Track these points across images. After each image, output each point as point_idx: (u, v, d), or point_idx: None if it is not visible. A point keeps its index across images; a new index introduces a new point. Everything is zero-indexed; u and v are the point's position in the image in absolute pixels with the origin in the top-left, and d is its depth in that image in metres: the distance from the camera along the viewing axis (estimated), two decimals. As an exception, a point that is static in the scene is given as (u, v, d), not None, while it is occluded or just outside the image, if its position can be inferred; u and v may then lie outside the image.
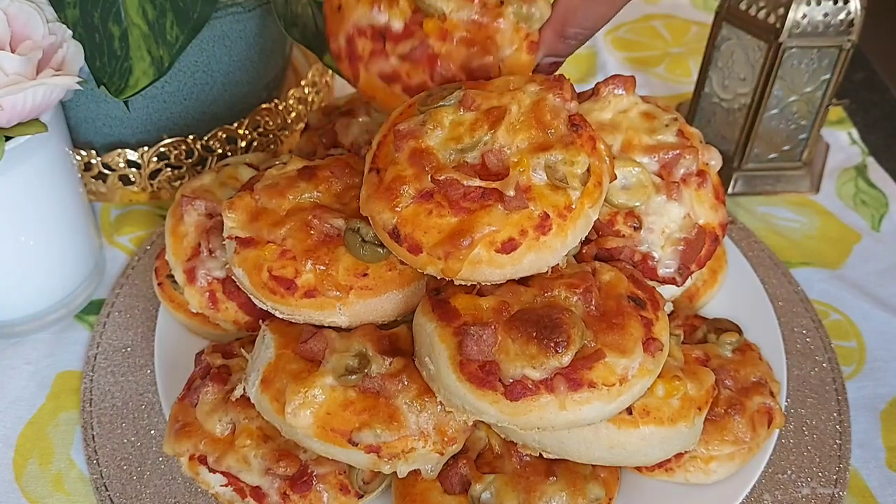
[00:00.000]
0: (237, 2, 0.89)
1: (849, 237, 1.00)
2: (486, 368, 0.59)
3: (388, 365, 0.64)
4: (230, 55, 0.94)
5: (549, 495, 0.64)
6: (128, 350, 0.84)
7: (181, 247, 0.79)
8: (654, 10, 1.37)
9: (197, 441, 0.68)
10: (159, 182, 0.99)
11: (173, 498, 0.72)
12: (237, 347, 0.74)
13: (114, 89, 0.80)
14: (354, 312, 0.67)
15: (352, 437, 0.61)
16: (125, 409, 0.79)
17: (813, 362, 0.84)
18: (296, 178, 0.71)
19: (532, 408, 0.59)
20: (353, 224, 0.66)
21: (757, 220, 1.01)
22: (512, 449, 0.66)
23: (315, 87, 1.10)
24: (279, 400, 0.62)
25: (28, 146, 0.73)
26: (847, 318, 0.90)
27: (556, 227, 0.61)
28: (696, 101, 1.04)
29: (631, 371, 0.60)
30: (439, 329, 0.62)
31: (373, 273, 0.66)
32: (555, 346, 0.58)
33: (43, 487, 0.75)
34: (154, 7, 0.78)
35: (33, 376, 0.83)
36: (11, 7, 0.72)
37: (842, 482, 0.74)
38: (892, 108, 1.18)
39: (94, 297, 0.90)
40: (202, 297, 0.77)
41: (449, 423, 0.63)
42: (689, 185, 0.71)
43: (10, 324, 0.85)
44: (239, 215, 0.69)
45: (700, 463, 0.70)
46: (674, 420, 0.64)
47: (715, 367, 0.73)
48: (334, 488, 0.67)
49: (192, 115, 0.97)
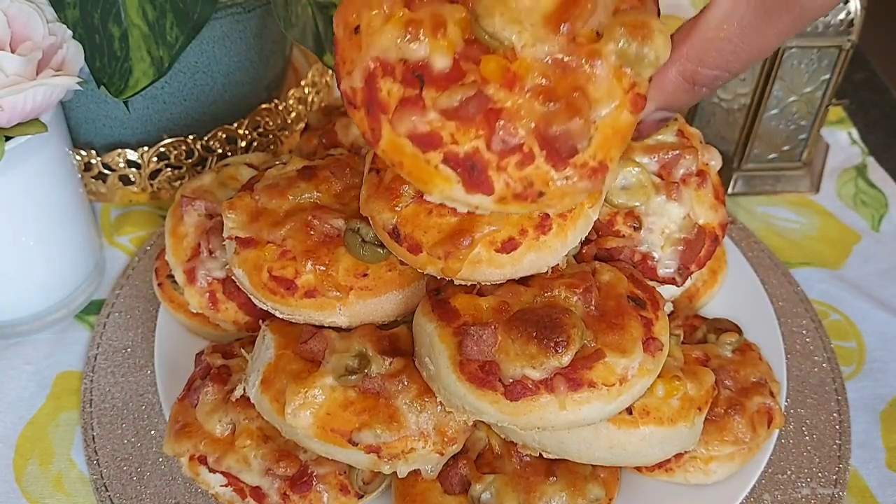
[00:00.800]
0: (237, 2, 0.89)
1: (849, 237, 1.00)
2: (486, 368, 0.59)
3: (388, 365, 0.64)
4: (230, 55, 0.94)
5: (549, 495, 0.64)
6: (128, 350, 0.84)
7: (181, 247, 0.79)
8: (654, 10, 1.37)
9: (197, 441, 0.68)
10: (159, 182, 0.99)
11: (173, 498, 0.72)
12: (237, 348, 0.74)
13: (114, 90, 0.80)
14: (354, 313, 0.67)
15: (352, 437, 0.61)
16: (125, 409, 0.79)
17: (813, 362, 0.84)
18: (296, 178, 0.71)
19: (532, 408, 0.59)
20: (353, 224, 0.66)
21: (757, 220, 1.01)
22: (512, 449, 0.66)
23: (315, 87, 1.10)
24: (279, 400, 0.62)
25: (28, 146, 0.73)
26: (847, 319, 0.90)
27: (556, 226, 0.61)
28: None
29: (631, 371, 0.60)
30: (439, 329, 0.62)
31: (373, 273, 0.66)
32: (555, 346, 0.58)
33: (43, 488, 0.75)
34: (154, 7, 0.78)
35: (33, 376, 0.83)
36: (11, 7, 0.72)
37: (842, 482, 0.74)
38: (892, 108, 1.18)
39: (95, 298, 0.90)
40: (202, 298, 0.77)
41: (449, 423, 0.63)
42: (689, 186, 0.71)
43: (10, 324, 0.85)
44: (239, 215, 0.69)
45: (700, 463, 0.70)
46: (674, 420, 0.64)
47: (715, 367, 0.73)
48: (334, 488, 0.67)
49: (192, 115, 0.97)
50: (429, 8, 0.49)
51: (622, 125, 0.50)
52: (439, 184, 0.51)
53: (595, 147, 0.50)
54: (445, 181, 0.51)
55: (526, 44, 0.48)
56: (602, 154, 0.50)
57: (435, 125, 0.49)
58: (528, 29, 0.48)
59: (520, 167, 0.50)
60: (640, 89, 0.50)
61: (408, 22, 0.48)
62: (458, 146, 0.49)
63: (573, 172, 0.50)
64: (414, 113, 0.49)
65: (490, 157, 0.49)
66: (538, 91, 0.48)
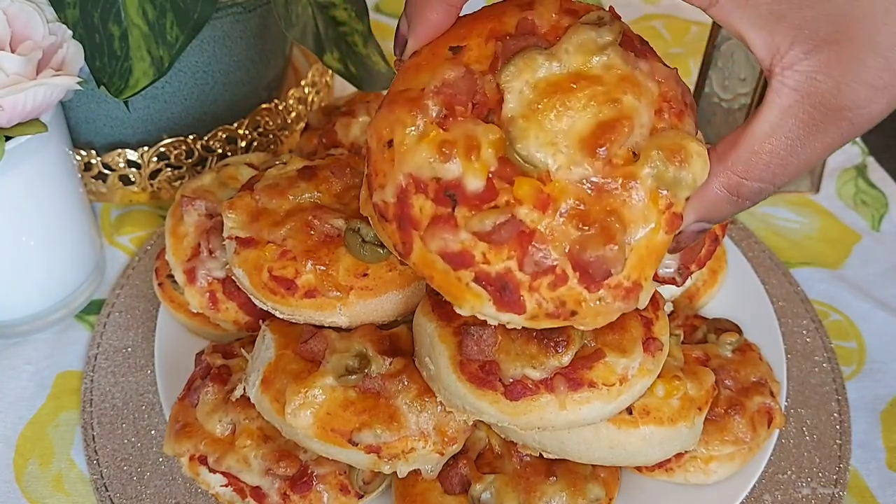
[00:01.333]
0: (237, 2, 0.89)
1: (849, 237, 1.00)
2: (486, 368, 0.59)
3: (388, 365, 0.64)
4: (230, 55, 0.94)
5: (549, 495, 0.64)
6: (128, 350, 0.84)
7: (181, 247, 0.79)
8: (654, 10, 1.37)
9: (197, 441, 0.68)
10: (159, 182, 0.99)
11: (173, 498, 0.72)
12: (237, 347, 0.74)
13: (114, 89, 0.80)
14: (354, 313, 0.67)
15: (352, 437, 0.61)
16: (125, 409, 0.79)
17: (813, 362, 0.84)
18: (296, 178, 0.71)
19: (532, 408, 0.59)
20: (354, 224, 0.66)
21: (757, 220, 1.01)
22: (512, 449, 0.66)
23: (315, 87, 1.10)
24: (279, 400, 0.62)
25: (28, 146, 0.73)
26: (847, 319, 0.90)
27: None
28: (695, 101, 1.04)
29: (631, 371, 0.60)
30: (439, 329, 0.62)
31: (373, 273, 0.66)
32: (555, 345, 0.58)
33: (43, 488, 0.75)
34: (154, 7, 0.78)
35: (33, 376, 0.83)
36: (11, 7, 0.72)
37: (842, 482, 0.74)
38: (893, 108, 1.18)
39: (95, 298, 0.90)
40: (202, 298, 0.77)
41: (449, 423, 0.63)
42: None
43: (10, 324, 0.85)
44: (239, 215, 0.69)
45: (700, 463, 0.70)
46: (674, 420, 0.64)
47: (715, 367, 0.73)
48: (334, 488, 0.67)
49: (192, 115, 0.97)
50: (462, 129, 0.48)
51: (657, 244, 0.50)
52: (470, 300, 0.50)
53: (629, 268, 0.50)
54: (477, 298, 0.50)
55: (561, 166, 0.48)
56: (636, 274, 0.50)
57: (467, 244, 0.49)
58: (564, 151, 0.48)
59: (552, 288, 0.49)
60: (677, 209, 0.49)
61: (441, 143, 0.48)
62: (489, 266, 0.49)
63: (607, 293, 0.50)
64: (446, 232, 0.49)
65: (522, 277, 0.49)
66: (572, 215, 0.48)
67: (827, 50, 0.44)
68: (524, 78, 0.49)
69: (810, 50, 0.44)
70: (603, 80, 0.48)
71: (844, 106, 0.45)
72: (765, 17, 0.44)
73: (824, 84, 0.44)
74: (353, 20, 0.93)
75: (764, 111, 0.47)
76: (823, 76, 0.44)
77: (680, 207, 0.50)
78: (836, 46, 0.44)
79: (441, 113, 0.49)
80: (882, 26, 0.43)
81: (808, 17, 0.43)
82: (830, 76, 0.44)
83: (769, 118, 0.46)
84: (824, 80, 0.44)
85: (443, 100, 0.49)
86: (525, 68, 0.49)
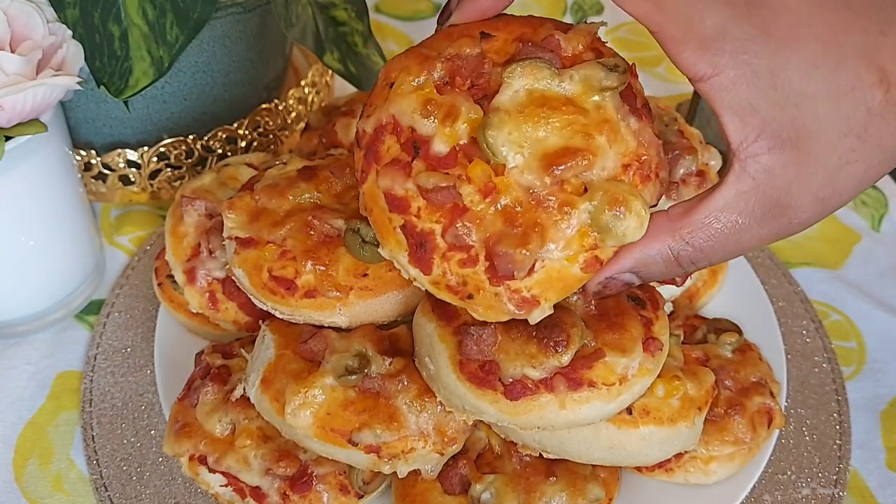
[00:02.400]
0: (237, 2, 0.89)
1: (849, 237, 1.00)
2: (486, 368, 0.59)
3: (388, 365, 0.64)
4: (230, 55, 0.94)
5: (549, 495, 0.64)
6: (128, 350, 0.84)
7: (181, 247, 0.79)
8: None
9: (197, 441, 0.68)
10: (159, 182, 0.99)
11: (173, 498, 0.72)
12: (237, 347, 0.74)
13: (114, 89, 0.80)
14: (354, 313, 0.67)
15: (352, 437, 0.61)
16: (125, 409, 0.79)
17: (813, 363, 0.84)
18: (296, 178, 0.71)
19: (532, 407, 0.59)
20: (353, 224, 0.66)
21: (757, 220, 1.01)
22: (512, 449, 0.66)
23: (315, 87, 1.10)
24: (279, 400, 0.62)
25: (28, 146, 0.73)
26: (847, 319, 0.90)
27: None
28: (695, 101, 1.04)
29: (631, 370, 0.60)
30: (439, 329, 0.62)
31: (373, 273, 0.66)
32: (554, 345, 0.58)
33: (43, 488, 0.75)
34: (154, 7, 0.78)
35: (33, 376, 0.83)
36: (11, 7, 0.72)
37: (842, 483, 0.74)
38: (892, 108, 1.18)
39: (94, 298, 0.90)
40: (202, 298, 0.77)
41: (449, 423, 0.63)
42: (689, 186, 0.71)
43: (10, 324, 0.85)
44: (239, 215, 0.69)
45: (700, 463, 0.70)
46: (674, 420, 0.64)
47: (715, 367, 0.73)
48: (334, 488, 0.67)
49: (192, 115, 0.97)
50: (452, 98, 0.52)
51: (568, 277, 0.52)
52: (392, 244, 0.55)
53: (535, 281, 0.52)
54: (398, 244, 0.55)
55: (517, 167, 0.51)
56: (538, 291, 0.53)
57: (409, 193, 0.53)
58: (525, 155, 0.51)
59: (461, 265, 0.53)
60: (600, 254, 0.52)
61: (427, 101, 0.52)
62: (419, 220, 0.53)
63: (504, 292, 0.53)
64: (398, 175, 0.53)
65: (441, 243, 0.53)
66: (506, 211, 0.51)
67: (788, 151, 0.48)
68: (525, 81, 0.52)
69: (773, 147, 0.48)
70: (589, 114, 0.52)
71: (790, 206, 0.49)
72: (743, 105, 0.47)
73: (779, 181, 0.48)
74: (353, 20, 0.93)
75: (722, 189, 0.50)
76: (780, 174, 0.48)
77: (604, 254, 0.52)
78: (795, 152, 0.48)
79: (444, 78, 0.53)
80: (834, 148, 0.47)
81: (776, 117, 0.47)
82: (785, 176, 0.48)
83: (725, 196, 0.50)
84: (779, 178, 0.48)
85: (449, 67, 0.53)
86: (529, 73, 0.52)
